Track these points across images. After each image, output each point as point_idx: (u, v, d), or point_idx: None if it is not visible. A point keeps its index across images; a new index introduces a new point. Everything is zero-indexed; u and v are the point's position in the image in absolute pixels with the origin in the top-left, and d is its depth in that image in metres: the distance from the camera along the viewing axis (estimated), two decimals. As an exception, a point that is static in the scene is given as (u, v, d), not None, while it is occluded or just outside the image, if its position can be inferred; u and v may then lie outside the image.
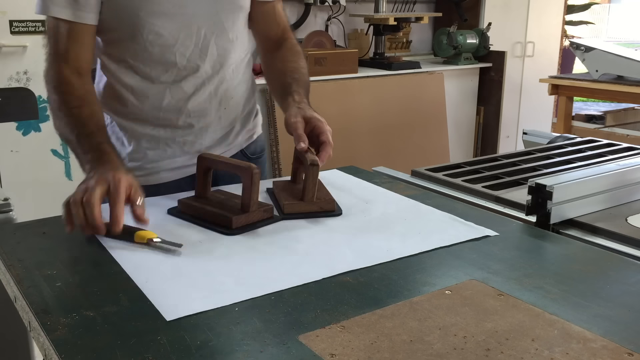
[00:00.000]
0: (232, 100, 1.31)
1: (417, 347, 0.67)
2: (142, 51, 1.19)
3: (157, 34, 1.17)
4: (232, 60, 1.28)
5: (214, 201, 1.08)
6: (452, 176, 1.35)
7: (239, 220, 1.01)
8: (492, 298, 0.79)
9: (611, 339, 0.69)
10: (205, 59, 1.23)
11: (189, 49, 1.21)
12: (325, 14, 3.97)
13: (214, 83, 1.26)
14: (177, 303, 0.77)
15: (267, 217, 1.05)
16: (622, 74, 3.53)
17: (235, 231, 1.00)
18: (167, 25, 1.17)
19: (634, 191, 1.18)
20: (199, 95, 1.25)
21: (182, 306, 0.76)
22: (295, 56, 1.35)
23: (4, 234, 1.00)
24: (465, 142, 4.27)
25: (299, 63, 1.34)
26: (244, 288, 0.81)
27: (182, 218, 1.07)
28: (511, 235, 1.02)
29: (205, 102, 1.26)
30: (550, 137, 1.86)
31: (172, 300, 0.78)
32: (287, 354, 0.66)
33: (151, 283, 0.82)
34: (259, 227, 1.02)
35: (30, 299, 0.78)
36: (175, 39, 1.19)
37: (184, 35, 1.19)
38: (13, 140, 2.84)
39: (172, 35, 1.18)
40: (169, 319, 0.73)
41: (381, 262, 0.90)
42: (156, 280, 0.83)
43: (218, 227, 1.01)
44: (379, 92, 3.59)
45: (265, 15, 1.34)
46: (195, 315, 0.74)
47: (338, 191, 1.19)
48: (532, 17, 4.44)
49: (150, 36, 1.17)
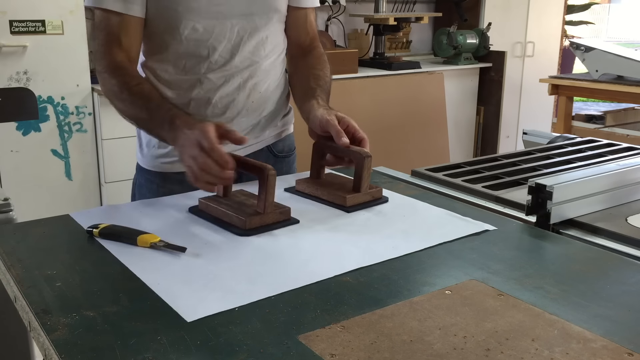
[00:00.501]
0: (260, 95, 1.33)
1: (417, 347, 0.67)
2: (177, 44, 1.24)
3: (193, 29, 1.23)
4: (263, 58, 1.32)
5: (232, 201, 1.08)
6: (452, 176, 1.35)
7: (252, 222, 1.01)
8: (492, 298, 0.79)
9: (611, 339, 0.69)
10: (236, 55, 1.27)
11: (221, 44, 1.25)
12: (325, 14, 3.97)
13: (243, 77, 1.30)
14: (195, 304, 0.77)
15: (283, 219, 1.04)
16: (622, 74, 3.53)
17: (250, 232, 1.00)
18: (203, 21, 1.23)
19: (634, 191, 1.18)
20: (227, 87, 1.29)
21: (201, 307, 0.76)
22: (321, 65, 1.39)
23: (4, 234, 1.00)
24: (465, 142, 4.28)
25: (325, 72, 1.38)
26: (258, 287, 0.81)
27: (202, 217, 1.07)
28: (511, 235, 1.02)
29: (233, 94, 1.30)
30: (550, 137, 1.85)
31: (189, 301, 0.77)
32: (287, 354, 0.66)
33: (163, 285, 0.82)
34: (274, 229, 1.02)
35: (30, 299, 0.78)
36: (209, 34, 1.24)
37: (218, 31, 1.24)
38: (13, 140, 2.84)
39: (207, 31, 1.24)
40: (190, 320, 0.73)
41: (389, 259, 0.90)
42: (168, 282, 0.83)
43: (233, 228, 1.01)
44: (379, 92, 3.59)
45: (297, 20, 1.39)
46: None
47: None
48: (532, 17, 4.44)
49: (186, 31, 1.22)
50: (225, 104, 1.30)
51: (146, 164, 1.37)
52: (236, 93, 1.30)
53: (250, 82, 1.31)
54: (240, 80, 1.30)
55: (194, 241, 0.97)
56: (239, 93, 1.30)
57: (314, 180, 1.20)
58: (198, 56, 1.26)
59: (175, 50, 1.25)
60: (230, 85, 1.29)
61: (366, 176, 1.13)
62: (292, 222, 1.04)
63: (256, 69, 1.31)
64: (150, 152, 1.36)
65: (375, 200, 1.15)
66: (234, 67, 1.28)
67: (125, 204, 1.14)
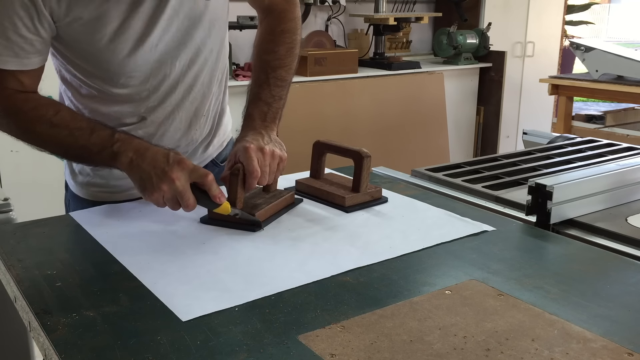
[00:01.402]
0: (202, 119, 1.23)
1: (417, 347, 0.67)
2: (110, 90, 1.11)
3: (130, 77, 1.09)
4: (205, 74, 1.19)
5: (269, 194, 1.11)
6: (452, 176, 1.35)
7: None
8: (492, 298, 0.79)
9: (611, 339, 0.69)
10: (177, 88, 1.15)
11: (163, 84, 1.13)
12: (325, 14, 3.97)
13: (184, 108, 1.18)
14: (191, 303, 0.77)
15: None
16: (622, 74, 3.53)
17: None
18: (139, 69, 1.09)
19: (634, 191, 1.18)
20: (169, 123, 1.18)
21: (197, 306, 0.76)
22: (273, 44, 1.18)
23: (4, 234, 1.00)
24: (465, 142, 4.27)
25: (277, 48, 1.18)
26: (255, 287, 0.81)
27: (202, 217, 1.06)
28: (511, 235, 1.02)
29: (175, 128, 1.19)
30: (550, 137, 1.85)
31: (185, 301, 0.78)
32: (287, 354, 0.66)
33: (160, 284, 0.82)
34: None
35: (30, 299, 0.78)
36: (146, 79, 1.11)
37: (155, 73, 1.11)
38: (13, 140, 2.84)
39: (145, 78, 1.11)
40: (185, 320, 0.73)
41: (386, 259, 0.90)
42: (165, 282, 0.83)
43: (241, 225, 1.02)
44: (379, 92, 3.59)
45: None
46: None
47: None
48: (532, 17, 4.44)
49: (121, 80, 1.09)
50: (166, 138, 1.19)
51: (80, 192, 1.26)
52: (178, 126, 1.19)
53: (192, 110, 1.19)
54: (182, 114, 1.18)
55: (193, 241, 0.97)
56: (180, 126, 1.19)
57: (313, 180, 1.20)
58: (138, 100, 1.13)
59: (115, 94, 1.12)
60: (172, 121, 1.18)
61: (365, 176, 1.14)
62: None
63: (199, 94, 1.18)
64: (85, 179, 1.24)
65: (374, 200, 1.15)
66: (174, 101, 1.16)
67: (125, 204, 1.14)
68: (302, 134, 2.93)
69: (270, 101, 1.14)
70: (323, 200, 1.15)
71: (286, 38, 1.20)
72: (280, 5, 1.23)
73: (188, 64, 1.14)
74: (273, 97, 1.14)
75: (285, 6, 1.23)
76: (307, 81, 3.33)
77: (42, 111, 1.04)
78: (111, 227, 1.02)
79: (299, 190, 1.20)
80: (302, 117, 3.22)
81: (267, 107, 1.13)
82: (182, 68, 1.14)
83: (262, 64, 1.18)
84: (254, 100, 1.14)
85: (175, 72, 1.14)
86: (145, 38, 1.06)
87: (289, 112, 1.35)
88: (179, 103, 1.18)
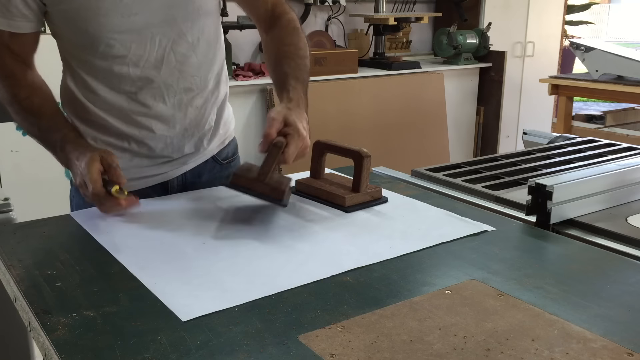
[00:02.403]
0: (198, 111, 1.23)
1: (417, 347, 0.67)
2: (98, 62, 1.13)
3: (108, 45, 1.11)
4: (196, 67, 1.20)
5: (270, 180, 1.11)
6: (452, 176, 1.35)
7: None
8: (492, 298, 0.79)
9: (611, 339, 0.69)
10: (161, 69, 1.15)
11: (142, 59, 1.13)
12: (325, 14, 3.97)
13: (175, 93, 1.19)
14: (191, 303, 0.77)
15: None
16: (622, 74, 3.53)
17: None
18: (117, 35, 1.10)
19: (634, 191, 1.18)
20: (160, 107, 1.18)
21: (197, 306, 0.76)
22: (291, 36, 1.22)
23: (4, 234, 1.00)
24: (465, 142, 4.27)
25: (297, 44, 1.22)
26: (255, 287, 0.81)
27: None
28: (511, 235, 1.02)
29: (167, 113, 1.19)
30: (550, 137, 1.85)
31: (185, 301, 0.77)
32: (287, 354, 0.66)
33: (160, 284, 0.82)
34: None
35: (30, 299, 0.78)
36: (127, 49, 1.12)
37: (135, 46, 1.12)
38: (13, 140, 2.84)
39: (123, 46, 1.11)
40: (185, 320, 0.73)
41: (386, 259, 0.90)
42: (164, 282, 0.83)
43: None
44: (379, 92, 3.59)
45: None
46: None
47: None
48: (532, 17, 4.44)
49: (100, 48, 1.11)
50: (160, 124, 1.20)
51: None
52: (171, 112, 1.19)
53: (185, 98, 1.20)
54: (173, 100, 1.18)
55: (193, 241, 0.97)
56: (174, 112, 1.20)
57: (313, 180, 1.20)
58: (119, 75, 1.14)
59: (94, 69, 1.14)
60: (164, 105, 1.18)
61: (365, 176, 1.14)
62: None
63: (188, 81, 1.19)
64: None
65: (374, 200, 1.15)
66: (161, 82, 1.16)
67: None
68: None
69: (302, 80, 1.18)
70: (323, 200, 1.15)
71: (300, 33, 1.25)
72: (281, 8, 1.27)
73: (171, 45, 1.15)
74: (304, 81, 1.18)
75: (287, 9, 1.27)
76: (307, 81, 3.32)
77: (16, 90, 1.12)
78: (111, 227, 1.02)
79: (299, 190, 1.20)
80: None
81: (302, 86, 1.17)
82: (164, 48, 1.14)
83: (286, 54, 1.21)
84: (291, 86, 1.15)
85: (156, 50, 1.14)
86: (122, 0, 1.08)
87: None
88: (167, 87, 1.17)
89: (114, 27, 1.09)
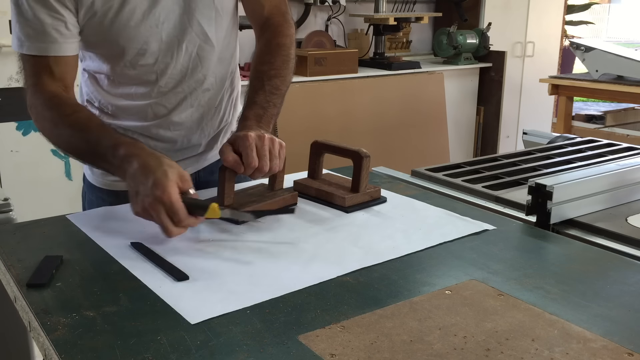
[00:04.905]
0: (215, 109, 1.27)
1: (417, 347, 0.67)
2: (125, 70, 1.15)
3: (138, 54, 1.13)
4: (217, 70, 1.23)
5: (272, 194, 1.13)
6: (452, 176, 1.35)
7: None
8: (492, 298, 0.79)
9: (611, 339, 0.69)
10: (186, 74, 1.18)
11: (170, 67, 1.17)
12: (325, 14, 3.97)
13: (198, 95, 1.22)
14: (198, 306, 0.77)
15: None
16: (622, 74, 3.53)
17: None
18: (147, 45, 1.13)
19: (634, 191, 1.18)
20: (180, 110, 1.21)
21: (204, 309, 0.76)
22: (270, 54, 1.20)
23: (4, 234, 1.00)
24: (465, 142, 4.27)
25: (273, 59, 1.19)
26: (260, 289, 0.81)
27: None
28: (511, 235, 1.02)
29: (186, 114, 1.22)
30: (550, 137, 1.86)
31: (192, 303, 0.77)
32: (287, 354, 0.66)
33: (165, 287, 0.82)
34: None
35: (30, 299, 0.78)
36: (155, 57, 1.15)
37: (163, 54, 1.15)
38: (13, 140, 2.84)
39: (152, 55, 1.14)
40: (194, 322, 0.73)
41: (390, 259, 0.90)
42: (169, 285, 0.83)
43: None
44: (379, 92, 3.59)
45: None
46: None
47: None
48: (532, 17, 4.44)
49: (130, 57, 1.13)
50: (180, 126, 1.23)
51: (96, 181, 1.29)
52: (189, 114, 1.22)
53: (205, 98, 1.23)
54: (194, 101, 1.22)
55: (194, 242, 0.97)
56: (192, 114, 1.23)
57: (311, 181, 1.20)
58: (146, 82, 1.17)
59: (123, 76, 1.17)
60: (183, 108, 1.22)
61: (364, 176, 1.14)
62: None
63: (209, 82, 1.22)
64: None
65: (373, 200, 1.15)
66: (185, 87, 1.20)
67: (122, 206, 1.14)
68: (301, 134, 2.93)
69: (265, 106, 1.13)
70: (322, 201, 1.15)
71: (282, 51, 1.21)
72: (276, 20, 1.25)
73: (197, 50, 1.18)
74: (268, 103, 1.14)
75: (282, 21, 1.26)
76: (307, 81, 3.33)
77: (62, 109, 1.07)
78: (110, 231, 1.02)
79: (298, 191, 1.19)
80: (302, 117, 3.22)
81: (263, 111, 1.12)
82: (190, 54, 1.17)
83: (258, 74, 1.18)
84: (250, 104, 1.13)
85: (182, 56, 1.17)
86: (150, 11, 1.10)
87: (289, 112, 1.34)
88: (191, 92, 1.21)
89: (144, 37, 1.12)
